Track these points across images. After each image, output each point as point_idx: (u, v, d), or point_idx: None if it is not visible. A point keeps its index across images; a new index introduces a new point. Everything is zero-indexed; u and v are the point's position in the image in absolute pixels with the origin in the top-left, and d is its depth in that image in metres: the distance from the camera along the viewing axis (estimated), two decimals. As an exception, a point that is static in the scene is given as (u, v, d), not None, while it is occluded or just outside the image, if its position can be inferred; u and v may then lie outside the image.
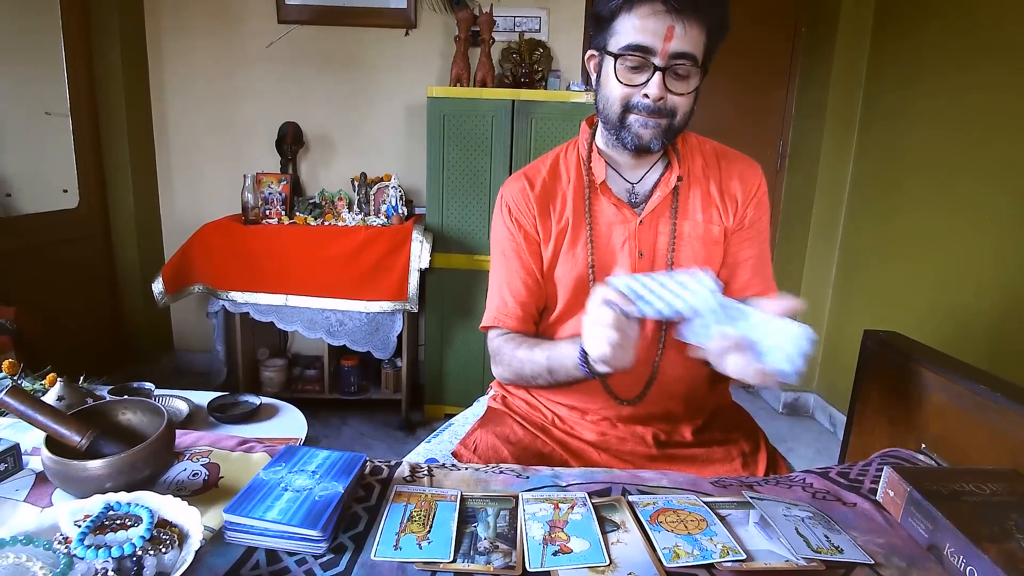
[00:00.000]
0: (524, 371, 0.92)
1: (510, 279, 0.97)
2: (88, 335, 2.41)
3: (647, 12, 0.78)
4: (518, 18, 2.50)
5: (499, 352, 0.97)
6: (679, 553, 0.60)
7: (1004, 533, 0.60)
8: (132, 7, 2.45)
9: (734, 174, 0.95)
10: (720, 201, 0.94)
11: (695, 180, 0.94)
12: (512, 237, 0.96)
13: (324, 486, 0.64)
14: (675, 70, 0.81)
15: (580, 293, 0.93)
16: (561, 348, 0.86)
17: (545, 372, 0.88)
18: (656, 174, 0.94)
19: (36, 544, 0.53)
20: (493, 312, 0.98)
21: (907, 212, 2.11)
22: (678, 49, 0.78)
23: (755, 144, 2.72)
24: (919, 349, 1.00)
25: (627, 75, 0.82)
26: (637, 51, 0.80)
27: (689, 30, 0.78)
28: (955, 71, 1.91)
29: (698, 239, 0.92)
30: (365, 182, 2.41)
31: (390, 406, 2.48)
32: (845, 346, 2.42)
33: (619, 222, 0.92)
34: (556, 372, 0.87)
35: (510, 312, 0.96)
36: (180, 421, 1.44)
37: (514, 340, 0.95)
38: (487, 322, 0.99)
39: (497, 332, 0.98)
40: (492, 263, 1.01)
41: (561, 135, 2.17)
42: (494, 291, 0.99)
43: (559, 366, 0.86)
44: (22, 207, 2.23)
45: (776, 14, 2.64)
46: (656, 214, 0.92)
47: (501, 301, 0.97)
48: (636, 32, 0.79)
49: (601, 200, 0.93)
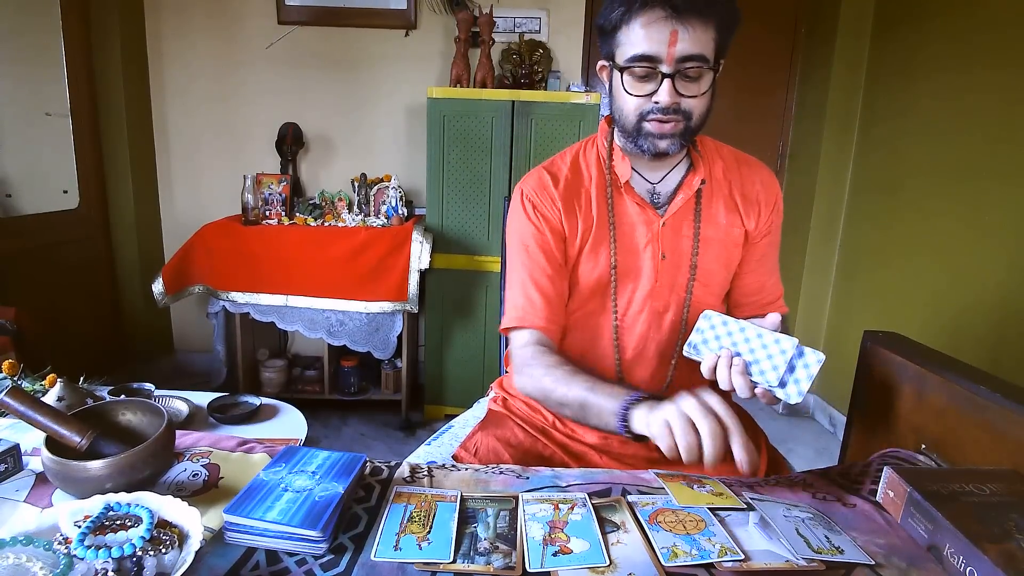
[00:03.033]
0: (554, 395, 0.85)
1: (535, 275, 0.91)
2: (88, 335, 2.41)
3: (648, 20, 0.77)
4: (518, 19, 2.50)
5: (528, 365, 0.89)
6: (677, 553, 0.60)
7: (1004, 533, 0.60)
8: (132, 7, 2.45)
9: (756, 180, 0.95)
10: (742, 205, 0.93)
11: (717, 183, 0.93)
12: (537, 231, 0.91)
13: (324, 487, 0.64)
14: (685, 73, 0.78)
15: (596, 295, 0.93)
16: (606, 390, 0.80)
17: (576, 405, 0.82)
18: (678, 175, 0.93)
19: (36, 544, 0.53)
20: (518, 312, 0.91)
21: (907, 213, 2.11)
22: (685, 52, 0.77)
23: (755, 145, 2.72)
24: (919, 350, 1.00)
25: (636, 85, 0.81)
26: (643, 61, 0.78)
27: (694, 31, 0.76)
28: (955, 72, 1.91)
29: (720, 242, 0.92)
30: (365, 183, 2.41)
31: (390, 407, 2.48)
32: (845, 346, 2.42)
33: (642, 223, 0.91)
34: (589, 411, 0.81)
35: (538, 311, 0.90)
36: (180, 422, 1.43)
37: (548, 356, 0.88)
38: (510, 323, 0.93)
39: (525, 339, 0.91)
40: (510, 261, 0.96)
41: (561, 136, 2.18)
42: (516, 290, 0.93)
43: (595, 407, 0.79)
44: (22, 207, 2.24)
45: (776, 15, 2.65)
46: (679, 216, 0.91)
47: (526, 300, 0.91)
48: (640, 42, 0.78)
49: (624, 200, 0.91)
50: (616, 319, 0.92)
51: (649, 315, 0.92)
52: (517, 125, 2.18)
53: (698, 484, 0.73)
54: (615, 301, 0.92)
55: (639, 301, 0.92)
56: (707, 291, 0.93)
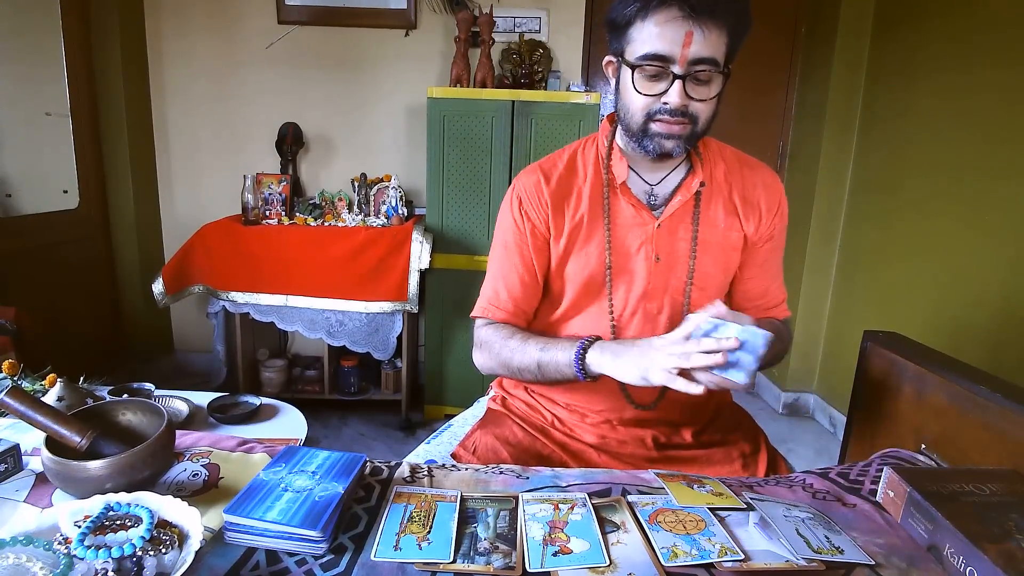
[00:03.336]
0: (512, 362, 0.91)
1: (506, 273, 0.96)
2: (88, 335, 2.40)
3: (663, 19, 0.75)
4: (518, 19, 2.50)
5: (487, 340, 0.96)
6: (677, 553, 0.60)
7: (1004, 533, 0.60)
8: (132, 7, 2.45)
9: (758, 183, 0.94)
10: (742, 209, 0.92)
11: (716, 186, 0.92)
12: (518, 230, 0.94)
13: (324, 487, 0.64)
14: (696, 76, 0.78)
15: (589, 292, 0.93)
16: (556, 345, 0.87)
17: (534, 365, 0.89)
18: (677, 177, 0.92)
19: (36, 544, 0.53)
20: (484, 303, 0.98)
21: (907, 213, 2.11)
22: (698, 55, 0.76)
23: (755, 145, 2.72)
24: (919, 350, 1.00)
25: (646, 84, 0.80)
26: (655, 60, 0.77)
27: (708, 34, 0.75)
28: (955, 72, 1.91)
29: (718, 246, 0.92)
30: (365, 183, 2.41)
31: (390, 406, 2.48)
32: (845, 347, 2.43)
33: (636, 224, 0.91)
34: (546, 368, 0.87)
35: (501, 305, 0.96)
36: (180, 422, 1.43)
37: (506, 329, 0.94)
38: (477, 312, 0.99)
39: (485, 322, 0.98)
40: (492, 252, 0.99)
41: (561, 135, 2.18)
42: (489, 282, 0.98)
43: (550, 361, 0.86)
44: (22, 207, 2.24)
45: (776, 15, 2.64)
46: (675, 219, 0.90)
47: (494, 293, 0.97)
48: (653, 40, 0.76)
49: (620, 200, 0.91)
50: (612, 319, 0.93)
51: (643, 317, 0.92)
52: (517, 125, 2.18)
53: (698, 484, 0.73)
54: (611, 300, 0.92)
55: (633, 302, 0.92)
56: (704, 294, 0.92)
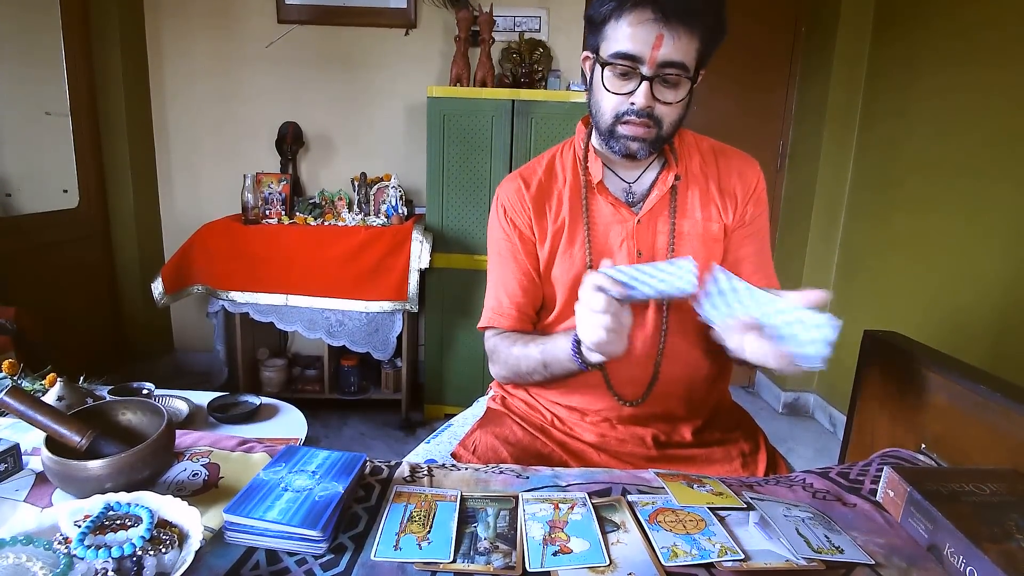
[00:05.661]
0: (520, 367, 0.93)
1: (505, 280, 0.98)
2: (88, 335, 2.41)
3: (637, 20, 0.78)
4: (518, 18, 2.50)
5: (495, 351, 0.98)
6: (677, 552, 0.60)
7: (1004, 533, 0.60)
8: (132, 7, 2.45)
9: (733, 171, 0.95)
10: (719, 199, 0.93)
11: (693, 178, 0.94)
12: (507, 237, 0.97)
13: (324, 486, 0.64)
14: (664, 78, 0.80)
15: (577, 292, 0.93)
16: (554, 340, 0.87)
17: (540, 366, 0.90)
18: (653, 173, 0.94)
19: (36, 544, 0.53)
20: (489, 313, 0.99)
21: (907, 212, 2.11)
22: (667, 58, 0.78)
23: (755, 144, 2.71)
24: (919, 349, 1.00)
25: (615, 83, 0.82)
26: (625, 59, 0.79)
27: (679, 38, 0.77)
28: (955, 71, 1.91)
29: (697, 237, 0.92)
30: (365, 182, 2.41)
31: (390, 406, 2.48)
32: (845, 346, 2.39)
33: (616, 221, 0.92)
34: (551, 365, 0.88)
35: (505, 312, 0.97)
36: (180, 421, 1.43)
37: (509, 337, 0.96)
38: (483, 323, 1.00)
39: (493, 332, 0.99)
40: (489, 264, 1.02)
41: (561, 135, 2.17)
42: (490, 292, 1.00)
43: (553, 359, 0.87)
44: (22, 207, 2.24)
45: (776, 14, 2.64)
46: (654, 213, 0.92)
47: (497, 302, 0.98)
48: (625, 40, 0.79)
49: (598, 200, 0.93)
50: None
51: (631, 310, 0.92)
52: (517, 124, 2.18)
53: (698, 484, 0.73)
54: None
55: None
56: None
